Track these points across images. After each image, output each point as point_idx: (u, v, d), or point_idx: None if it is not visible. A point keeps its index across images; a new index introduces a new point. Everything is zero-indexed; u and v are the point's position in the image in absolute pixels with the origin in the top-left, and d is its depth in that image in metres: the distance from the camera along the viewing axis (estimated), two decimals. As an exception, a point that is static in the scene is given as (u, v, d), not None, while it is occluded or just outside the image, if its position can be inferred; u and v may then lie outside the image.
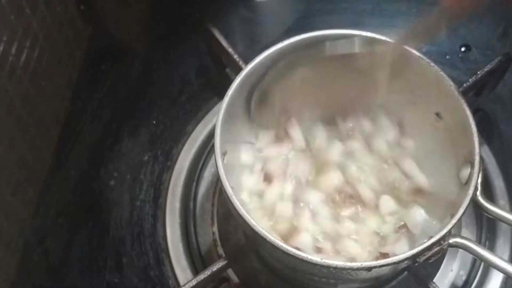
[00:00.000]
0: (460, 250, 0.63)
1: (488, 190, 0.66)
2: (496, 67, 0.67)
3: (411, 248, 0.51)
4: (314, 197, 0.60)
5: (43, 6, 0.68)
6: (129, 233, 0.67)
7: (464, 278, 0.63)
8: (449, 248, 0.57)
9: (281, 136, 0.63)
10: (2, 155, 0.61)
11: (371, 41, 0.57)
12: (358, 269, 0.49)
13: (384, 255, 0.55)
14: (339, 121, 0.63)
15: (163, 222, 0.67)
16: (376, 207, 0.59)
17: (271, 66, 0.59)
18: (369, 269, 0.49)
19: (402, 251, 0.51)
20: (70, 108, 0.75)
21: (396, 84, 0.61)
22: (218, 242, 0.66)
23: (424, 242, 0.50)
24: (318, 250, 0.57)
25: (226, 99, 0.56)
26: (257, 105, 0.61)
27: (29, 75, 0.66)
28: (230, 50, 0.67)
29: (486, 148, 0.69)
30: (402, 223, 0.58)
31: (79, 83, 0.77)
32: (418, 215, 0.58)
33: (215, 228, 0.67)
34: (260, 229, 0.50)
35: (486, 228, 0.66)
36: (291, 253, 0.49)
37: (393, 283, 0.63)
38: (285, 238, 0.57)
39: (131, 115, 0.75)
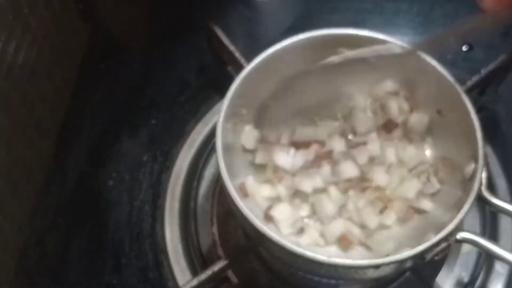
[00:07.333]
0: (463, 250, 0.63)
1: (490, 189, 0.65)
2: (500, 66, 0.67)
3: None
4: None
5: (42, 5, 0.68)
6: (128, 234, 0.67)
7: (466, 279, 0.63)
8: (451, 249, 0.57)
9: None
10: (1, 155, 0.61)
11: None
12: (366, 267, 0.48)
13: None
14: None
15: (162, 222, 0.67)
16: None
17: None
18: (377, 266, 0.48)
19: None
20: (69, 108, 0.75)
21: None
22: (218, 243, 0.65)
23: (432, 238, 0.49)
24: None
25: (228, 97, 0.56)
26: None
27: (28, 74, 0.65)
28: (232, 48, 0.67)
29: (488, 148, 0.69)
30: None
31: (78, 82, 0.76)
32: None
33: (214, 229, 0.66)
34: (266, 229, 0.49)
35: (489, 225, 0.65)
36: (297, 253, 0.49)
37: (394, 284, 0.62)
38: None
39: (130, 115, 0.74)
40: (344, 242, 0.56)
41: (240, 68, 0.61)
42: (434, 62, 0.57)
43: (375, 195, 0.58)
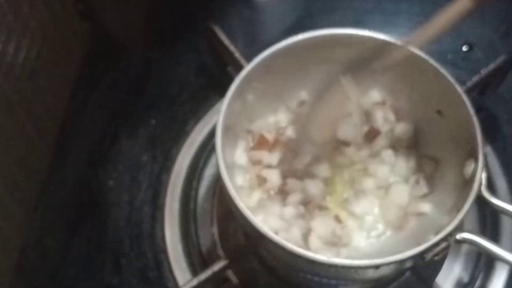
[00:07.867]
0: (462, 250, 0.63)
1: (490, 190, 0.65)
2: (500, 66, 0.67)
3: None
4: None
5: (42, 5, 0.68)
6: (128, 234, 0.67)
7: (466, 279, 0.63)
8: (451, 250, 0.57)
9: None
10: (0, 155, 0.61)
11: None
12: (366, 267, 0.48)
13: None
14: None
15: (162, 223, 0.67)
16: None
17: None
18: (377, 266, 0.48)
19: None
20: (69, 108, 0.74)
21: (396, 83, 0.61)
22: (218, 243, 0.65)
23: (432, 239, 0.49)
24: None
25: (228, 97, 0.56)
26: None
27: (27, 74, 0.65)
28: (231, 48, 0.67)
29: (488, 149, 0.69)
30: None
31: (77, 82, 0.76)
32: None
33: (214, 229, 0.66)
34: (266, 229, 0.49)
35: (489, 225, 0.65)
36: (297, 253, 0.49)
37: (394, 284, 0.62)
38: None
39: (130, 115, 0.74)
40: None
41: (240, 68, 0.61)
42: (434, 62, 0.57)
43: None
